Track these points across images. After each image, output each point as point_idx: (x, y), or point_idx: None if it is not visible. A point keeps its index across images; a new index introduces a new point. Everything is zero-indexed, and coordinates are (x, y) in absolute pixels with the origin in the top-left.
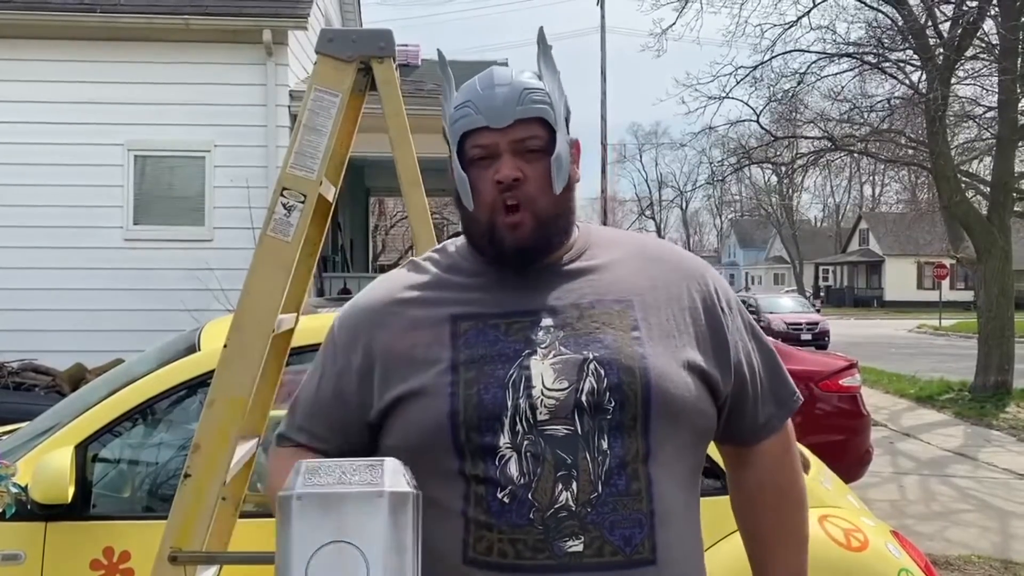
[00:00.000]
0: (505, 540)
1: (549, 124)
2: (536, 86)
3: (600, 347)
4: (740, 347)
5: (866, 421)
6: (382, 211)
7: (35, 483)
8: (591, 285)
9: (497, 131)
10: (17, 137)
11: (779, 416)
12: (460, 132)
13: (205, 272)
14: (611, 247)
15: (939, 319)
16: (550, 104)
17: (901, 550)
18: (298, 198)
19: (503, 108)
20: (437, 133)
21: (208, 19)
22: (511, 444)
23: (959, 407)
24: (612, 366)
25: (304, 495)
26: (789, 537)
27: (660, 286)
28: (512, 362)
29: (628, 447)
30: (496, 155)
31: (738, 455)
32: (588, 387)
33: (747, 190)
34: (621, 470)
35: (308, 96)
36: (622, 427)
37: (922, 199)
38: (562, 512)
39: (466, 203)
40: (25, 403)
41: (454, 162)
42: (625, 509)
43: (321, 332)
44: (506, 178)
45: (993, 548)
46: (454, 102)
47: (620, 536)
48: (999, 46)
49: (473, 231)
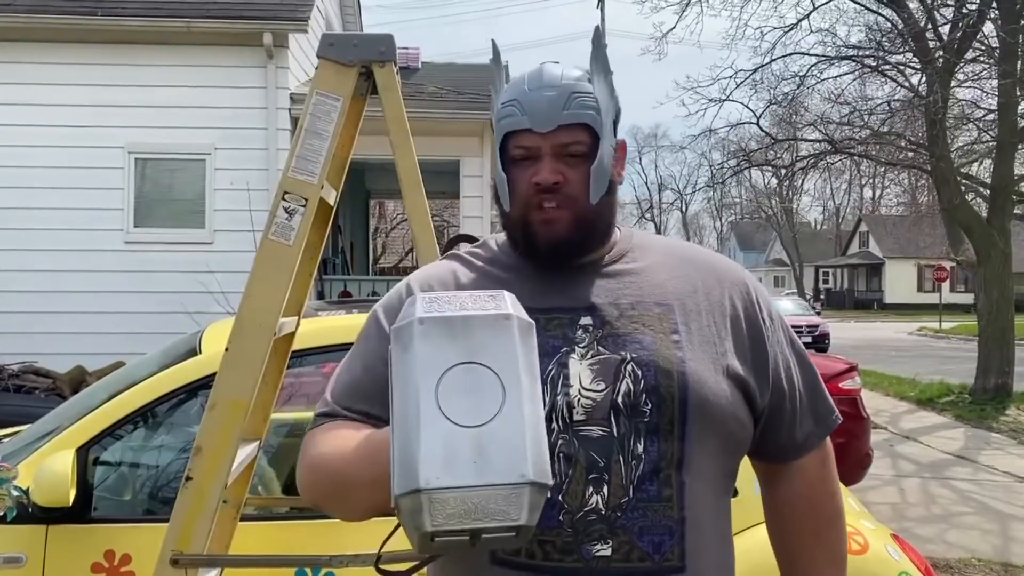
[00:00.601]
0: (534, 541)
1: (594, 130)
2: (585, 90)
3: (639, 348)
4: (780, 360)
5: (866, 424)
6: (382, 213)
7: (36, 486)
8: (631, 287)
9: (540, 134)
10: (18, 140)
11: (817, 433)
12: (504, 131)
13: (206, 275)
14: (652, 251)
15: (939, 322)
16: (597, 109)
17: (901, 553)
18: (299, 202)
19: (548, 111)
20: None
21: (209, 22)
22: None
23: (959, 410)
24: (650, 368)
25: (426, 319)
26: (826, 556)
27: (701, 292)
28: (550, 358)
29: (663, 451)
30: (537, 157)
31: (774, 471)
32: (625, 388)
33: (747, 193)
34: (653, 476)
35: (309, 100)
36: (658, 431)
37: (922, 202)
38: (592, 515)
39: (503, 202)
40: (25, 406)
41: (495, 159)
42: (655, 515)
43: (322, 335)
44: (544, 181)
45: (993, 551)
46: (502, 97)
47: (649, 542)
48: (999, 49)
49: (509, 226)
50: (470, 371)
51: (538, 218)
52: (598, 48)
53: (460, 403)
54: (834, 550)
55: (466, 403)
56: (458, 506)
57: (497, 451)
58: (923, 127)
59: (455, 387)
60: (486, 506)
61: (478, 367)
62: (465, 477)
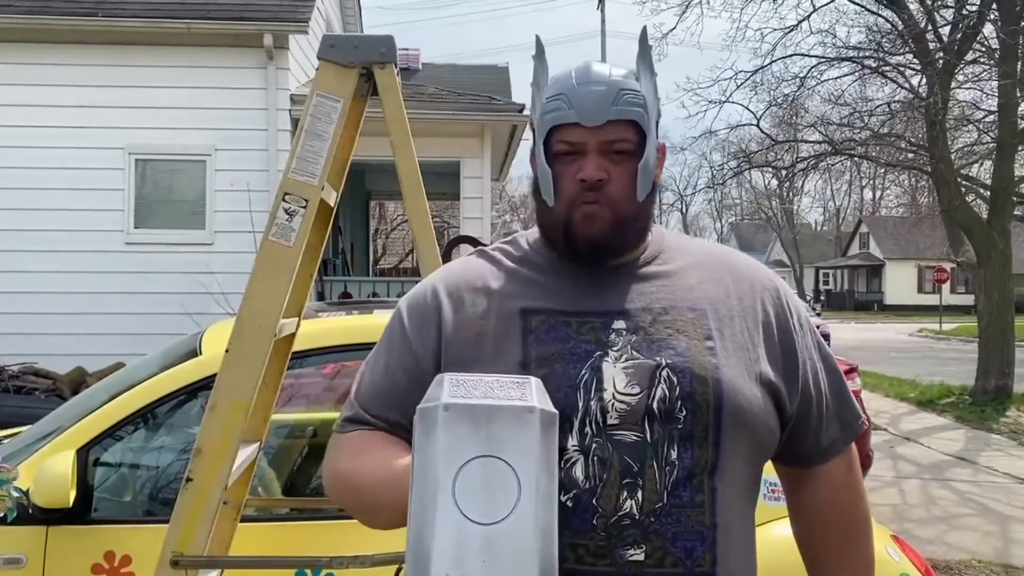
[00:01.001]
0: (566, 545)
1: (640, 127)
2: (633, 87)
3: (673, 354)
4: (809, 366)
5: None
6: (382, 215)
7: (36, 487)
8: (664, 290)
9: (587, 129)
10: (18, 141)
11: (843, 439)
12: (550, 125)
13: (206, 276)
14: (685, 253)
15: (939, 323)
16: (644, 108)
17: (902, 554)
18: (300, 203)
19: (597, 107)
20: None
21: (209, 23)
22: (579, 447)
23: (960, 411)
24: (685, 374)
25: (452, 405)
26: (851, 560)
27: (734, 296)
28: (584, 362)
29: (697, 458)
30: (583, 152)
31: (799, 476)
32: (660, 394)
33: (747, 194)
34: (687, 482)
35: (310, 101)
36: (692, 437)
37: (922, 203)
38: (625, 520)
39: (547, 197)
40: (26, 407)
41: (539, 154)
42: (688, 521)
43: (322, 336)
44: (590, 178)
45: (994, 552)
46: (547, 92)
47: (682, 548)
48: (999, 50)
49: (547, 223)
50: (488, 464)
51: (579, 215)
52: (644, 48)
53: (476, 499)
54: (860, 555)
55: (482, 500)
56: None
57: (506, 551)
58: (923, 128)
59: (472, 481)
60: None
61: (497, 461)
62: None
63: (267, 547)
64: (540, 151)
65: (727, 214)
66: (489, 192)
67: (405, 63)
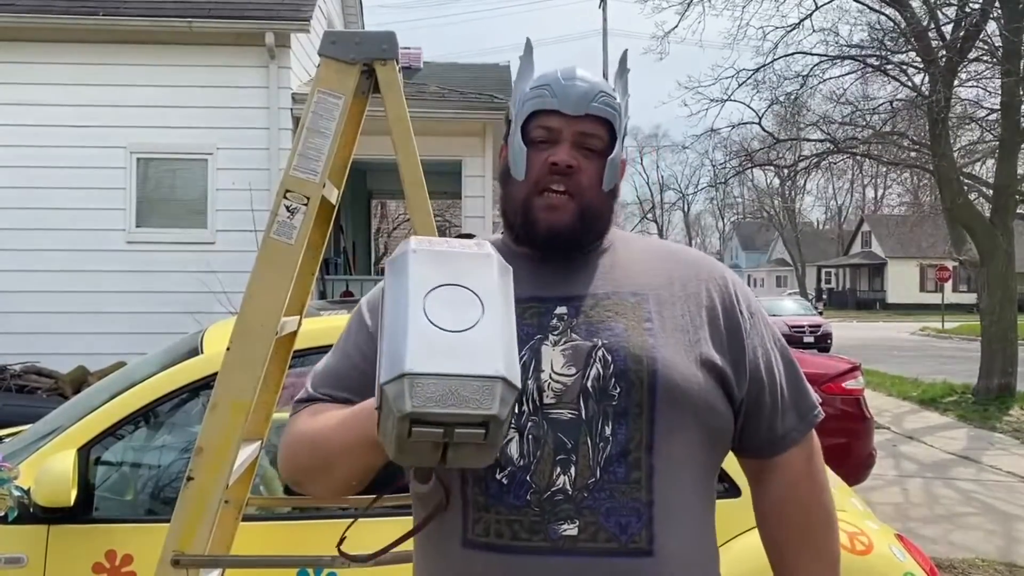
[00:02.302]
0: (502, 521)
1: (613, 129)
2: (612, 92)
3: (610, 335)
4: (759, 352)
5: (869, 424)
6: (384, 214)
7: (37, 486)
8: (608, 278)
9: (566, 118)
10: (20, 140)
11: (799, 429)
12: (531, 110)
13: (208, 275)
14: (632, 246)
15: (942, 322)
16: (619, 114)
17: (906, 554)
18: (301, 201)
19: (579, 99)
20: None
21: (211, 22)
22: (515, 425)
23: (962, 410)
24: (620, 353)
25: (419, 250)
26: (812, 554)
27: (677, 283)
28: (524, 345)
29: (631, 435)
30: (556, 141)
31: (759, 468)
32: (595, 373)
33: (749, 193)
34: (622, 458)
35: (311, 99)
36: (627, 414)
37: (924, 201)
38: (559, 495)
39: (516, 173)
40: (27, 406)
41: (515, 135)
42: (623, 496)
43: (324, 335)
44: (561, 161)
45: (997, 551)
46: (531, 83)
47: (615, 523)
48: (1002, 48)
49: (509, 207)
50: (455, 292)
51: (542, 203)
52: (623, 69)
53: (444, 313)
54: (822, 548)
55: (449, 314)
56: (436, 390)
57: (474, 351)
58: (926, 127)
59: (440, 301)
60: (461, 392)
61: (462, 289)
62: (444, 366)
63: (269, 546)
64: (517, 132)
65: (729, 213)
66: (491, 191)
67: (407, 62)
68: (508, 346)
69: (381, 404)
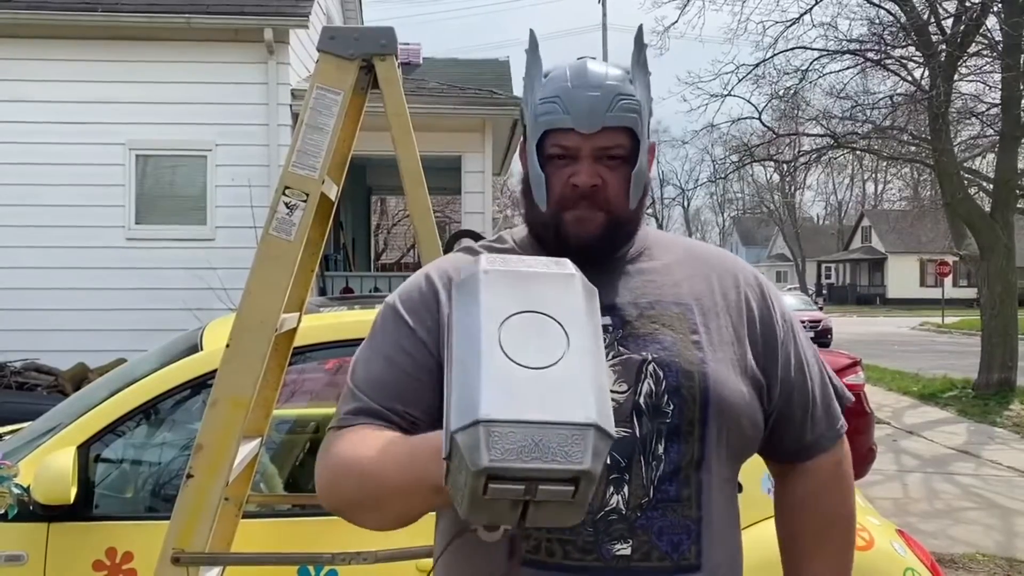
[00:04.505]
0: (554, 540)
1: (635, 133)
2: (628, 92)
3: (659, 348)
4: (792, 360)
5: (869, 419)
6: (384, 210)
7: (37, 484)
8: (650, 286)
9: (582, 135)
10: (18, 136)
11: (829, 436)
12: (544, 128)
13: (207, 271)
14: (669, 250)
15: (942, 316)
16: (639, 112)
17: (907, 549)
18: (300, 197)
19: (592, 113)
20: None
21: (209, 18)
22: None
23: (962, 405)
24: (671, 368)
25: (491, 270)
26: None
27: (718, 292)
28: None
29: (684, 453)
30: (576, 158)
31: (787, 472)
32: (647, 389)
33: (749, 188)
34: (674, 476)
35: (310, 94)
36: (679, 432)
37: (925, 196)
38: (612, 515)
39: (539, 202)
40: (27, 403)
41: (531, 155)
42: (674, 515)
43: (323, 332)
44: (584, 184)
45: (997, 546)
46: (540, 91)
47: (668, 542)
48: (1002, 43)
49: (537, 224)
50: (534, 320)
51: (571, 216)
52: (640, 47)
53: (524, 346)
54: (836, 556)
55: (530, 347)
56: (519, 441)
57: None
58: (926, 121)
59: (519, 332)
60: (548, 444)
61: (543, 317)
62: (528, 412)
63: (269, 544)
64: (532, 152)
65: (729, 208)
66: (490, 187)
67: (406, 58)
68: (599, 386)
69: (451, 454)
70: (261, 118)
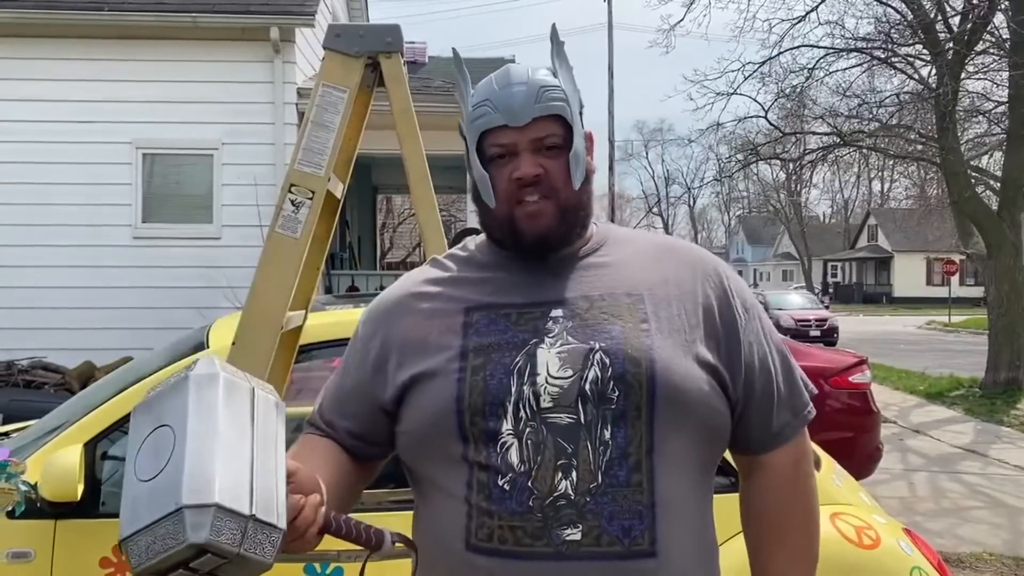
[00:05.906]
0: (505, 527)
1: (566, 121)
2: (552, 83)
3: (607, 337)
4: (755, 349)
5: (876, 418)
6: (389, 209)
7: (44, 481)
8: (603, 279)
9: (516, 129)
10: (26, 136)
11: (793, 426)
12: (479, 130)
13: (214, 269)
14: (626, 244)
15: (949, 315)
16: (566, 101)
17: (913, 547)
18: (306, 194)
19: (521, 107)
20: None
21: (216, 17)
22: (513, 431)
23: (969, 404)
24: (618, 356)
25: (134, 410)
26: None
27: (672, 282)
28: (520, 350)
29: (631, 437)
30: (515, 153)
31: (749, 464)
32: (592, 376)
33: (755, 186)
34: (623, 461)
35: (316, 92)
36: (625, 417)
37: (931, 195)
38: (561, 500)
39: (487, 200)
40: (35, 401)
41: (473, 160)
42: (625, 500)
43: (329, 329)
44: (525, 175)
45: (1004, 545)
46: (471, 100)
47: (618, 527)
48: (1010, 40)
49: (492, 225)
50: (157, 434)
51: (522, 212)
52: (557, 44)
53: (146, 463)
54: (798, 550)
55: (150, 462)
56: (145, 547)
57: (161, 494)
58: (932, 120)
59: (146, 451)
60: (162, 541)
61: (163, 429)
62: (137, 522)
63: None
64: (474, 156)
65: (735, 207)
66: None
67: (412, 57)
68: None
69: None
70: (267, 117)
